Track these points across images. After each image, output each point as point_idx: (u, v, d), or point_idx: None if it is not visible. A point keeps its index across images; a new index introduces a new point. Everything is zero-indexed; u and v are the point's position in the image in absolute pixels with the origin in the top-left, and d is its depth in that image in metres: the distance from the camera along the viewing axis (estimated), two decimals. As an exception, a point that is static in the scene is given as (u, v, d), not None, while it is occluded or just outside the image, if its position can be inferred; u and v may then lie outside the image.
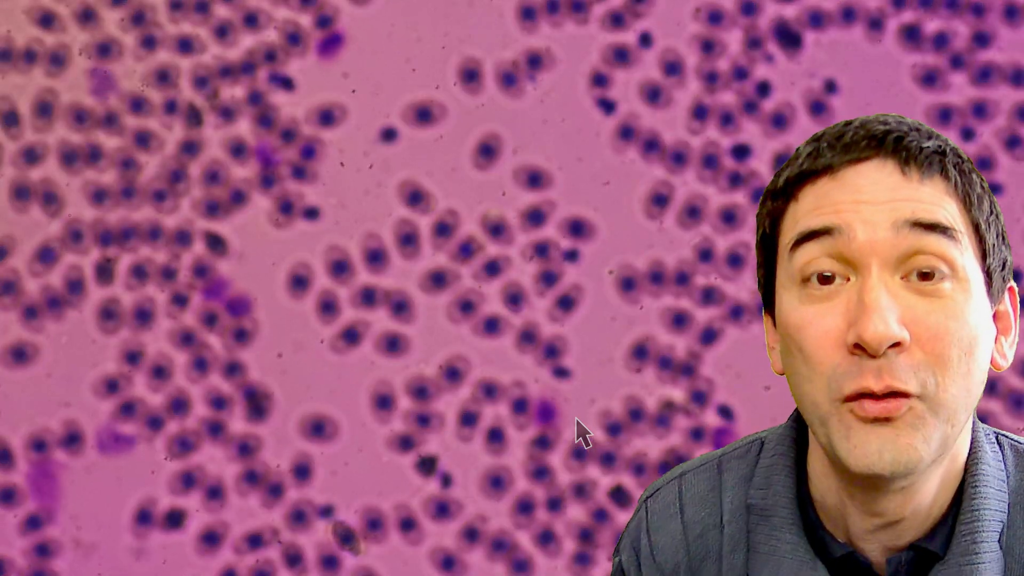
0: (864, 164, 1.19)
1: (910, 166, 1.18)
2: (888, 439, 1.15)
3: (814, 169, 1.20)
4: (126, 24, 2.66)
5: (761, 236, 1.26)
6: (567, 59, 2.68)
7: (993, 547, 1.22)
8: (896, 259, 1.17)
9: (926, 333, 1.15)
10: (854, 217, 1.17)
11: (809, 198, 1.20)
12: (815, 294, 1.18)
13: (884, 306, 1.14)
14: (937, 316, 1.15)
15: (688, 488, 1.35)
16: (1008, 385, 2.67)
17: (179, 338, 2.66)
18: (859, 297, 1.16)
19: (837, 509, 1.25)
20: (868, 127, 1.21)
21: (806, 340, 1.18)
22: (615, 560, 1.39)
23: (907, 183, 1.18)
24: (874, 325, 1.13)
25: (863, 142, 1.19)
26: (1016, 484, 1.26)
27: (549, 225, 2.67)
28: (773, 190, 1.24)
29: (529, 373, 2.67)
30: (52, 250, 2.65)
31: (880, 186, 1.18)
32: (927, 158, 1.18)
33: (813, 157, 1.21)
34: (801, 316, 1.18)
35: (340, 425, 2.66)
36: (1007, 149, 2.67)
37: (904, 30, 2.67)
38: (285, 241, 2.67)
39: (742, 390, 2.67)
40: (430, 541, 2.66)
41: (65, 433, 2.64)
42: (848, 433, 1.16)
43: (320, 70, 2.66)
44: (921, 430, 1.15)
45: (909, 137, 1.19)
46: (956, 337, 1.15)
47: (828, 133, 1.23)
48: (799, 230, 1.19)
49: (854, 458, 1.16)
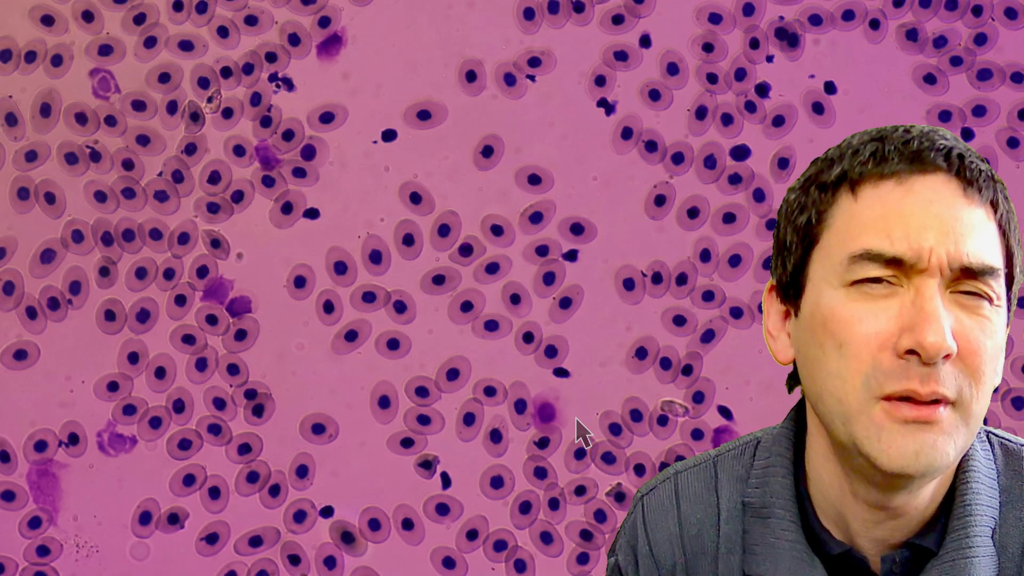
0: (932, 177, 1.20)
1: (972, 188, 1.20)
2: (926, 443, 1.17)
3: (880, 172, 1.21)
4: (127, 24, 2.66)
5: (804, 223, 1.24)
6: (567, 59, 2.68)
7: (986, 543, 1.23)
8: (948, 278, 1.19)
9: (967, 348, 1.18)
10: (923, 247, 1.18)
11: (872, 202, 1.20)
12: (870, 292, 1.19)
13: (942, 316, 1.17)
14: (978, 334, 1.18)
15: (684, 486, 1.35)
16: (1008, 385, 2.67)
17: (180, 338, 2.66)
18: (918, 306, 1.17)
19: (837, 506, 1.25)
20: (934, 140, 1.22)
21: (852, 336, 1.18)
22: (610, 561, 1.39)
23: (967, 205, 1.20)
24: (935, 333, 1.16)
25: (931, 153, 1.20)
26: (1006, 482, 1.27)
27: (549, 225, 2.68)
28: (826, 181, 1.23)
29: (529, 373, 2.67)
30: (53, 251, 2.65)
31: (944, 206, 1.19)
32: (985, 183, 1.21)
33: (878, 158, 1.21)
34: (851, 312, 1.19)
35: (340, 425, 2.66)
36: (1007, 149, 2.67)
37: (904, 30, 2.67)
38: (285, 241, 2.67)
39: (742, 390, 2.67)
40: (430, 541, 2.66)
41: (65, 433, 2.65)
42: (880, 433, 1.17)
43: (320, 70, 2.67)
44: (953, 436, 1.18)
45: (969, 158, 1.21)
46: (990, 355, 1.19)
47: (891, 136, 1.22)
48: (865, 247, 1.19)
49: (887, 457, 1.17)
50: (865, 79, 2.67)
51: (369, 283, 2.67)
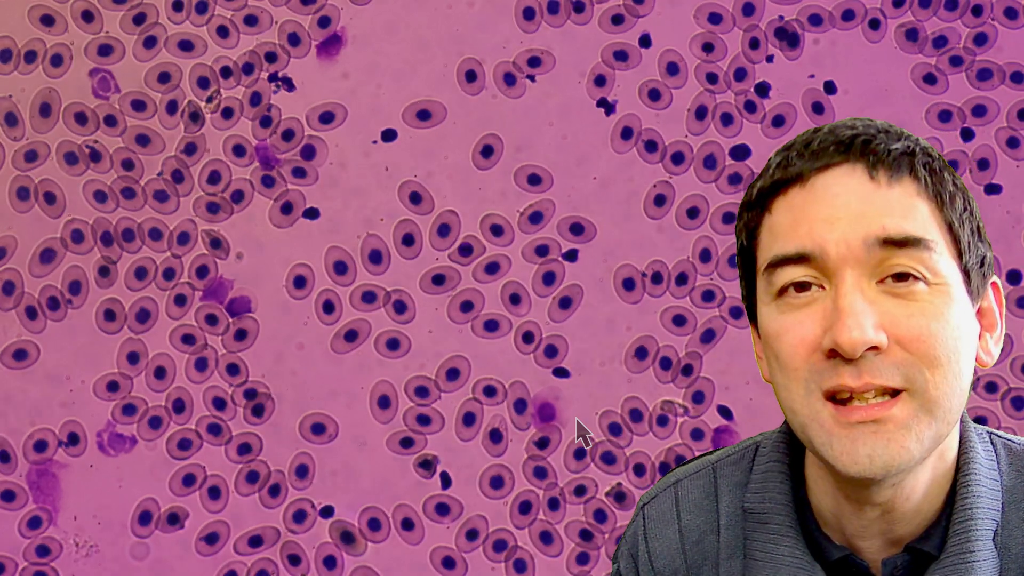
0: (833, 170, 1.19)
1: (878, 170, 1.18)
2: (879, 444, 1.15)
3: (785, 179, 1.21)
4: (127, 24, 2.66)
5: (740, 249, 1.26)
6: (567, 59, 2.68)
7: (987, 546, 1.22)
8: (871, 267, 1.17)
9: (907, 335, 1.15)
10: (827, 239, 1.17)
11: (782, 211, 1.20)
12: (792, 302, 1.19)
13: (859, 311, 1.15)
14: (917, 319, 1.16)
15: (684, 495, 1.35)
16: (1008, 385, 2.67)
17: (180, 338, 2.66)
18: (835, 303, 1.16)
19: (833, 509, 1.25)
20: (836, 132, 1.21)
21: (783, 347, 1.18)
22: (614, 567, 1.40)
23: (876, 188, 1.18)
24: (848, 330, 1.14)
25: (831, 148, 1.19)
26: (1010, 483, 1.26)
27: (549, 225, 2.68)
28: (748, 203, 1.24)
29: (529, 373, 2.67)
30: (53, 250, 2.65)
31: (851, 195, 1.18)
32: (895, 160, 1.18)
33: (783, 167, 1.21)
34: (780, 324, 1.19)
35: (340, 425, 2.66)
36: (1007, 149, 2.67)
37: (904, 30, 2.67)
38: (285, 241, 2.67)
39: (742, 390, 2.67)
40: (430, 540, 2.66)
41: (65, 433, 2.65)
42: (831, 440, 1.17)
43: (320, 70, 2.67)
44: (914, 429, 1.16)
45: (876, 140, 1.19)
46: (939, 338, 1.16)
47: (797, 141, 1.23)
48: (774, 253, 1.19)
49: (842, 464, 1.16)
50: (865, 79, 2.67)
51: (369, 283, 2.67)
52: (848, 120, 1.23)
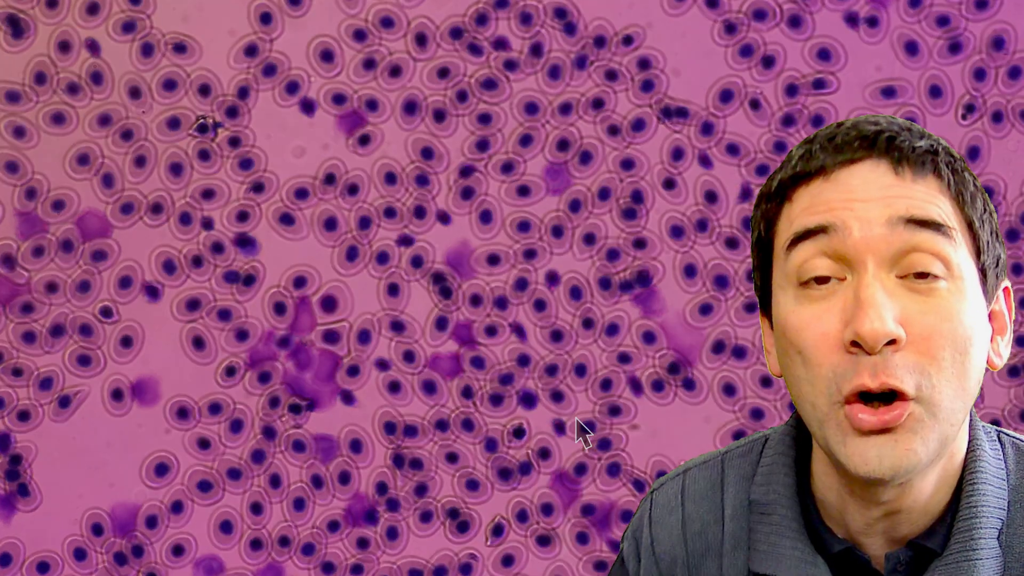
0: (857, 165, 1.20)
1: (903, 166, 1.19)
2: (887, 446, 1.17)
3: (807, 171, 1.22)
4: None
5: (756, 239, 1.27)
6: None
7: (992, 544, 1.23)
8: (892, 256, 1.18)
9: (920, 333, 1.16)
10: (848, 215, 1.18)
11: (803, 199, 1.21)
12: (812, 295, 1.20)
13: (880, 302, 1.16)
14: (931, 317, 1.17)
15: (691, 484, 1.37)
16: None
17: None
18: (855, 295, 1.17)
19: (838, 505, 1.26)
20: (860, 128, 1.22)
21: (805, 342, 1.19)
22: (621, 547, 1.42)
23: (900, 182, 1.19)
24: (870, 321, 1.15)
25: (855, 143, 1.21)
26: (1017, 482, 1.27)
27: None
28: (767, 193, 1.25)
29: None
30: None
31: (873, 185, 1.19)
32: (919, 157, 1.20)
33: (806, 159, 1.22)
34: (799, 318, 1.20)
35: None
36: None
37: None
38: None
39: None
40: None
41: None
42: (845, 440, 1.18)
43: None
44: (920, 433, 1.17)
45: (901, 137, 1.21)
46: (949, 338, 1.17)
47: (820, 135, 1.24)
48: (794, 230, 1.21)
49: (854, 464, 1.18)
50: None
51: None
52: (871, 116, 1.25)
